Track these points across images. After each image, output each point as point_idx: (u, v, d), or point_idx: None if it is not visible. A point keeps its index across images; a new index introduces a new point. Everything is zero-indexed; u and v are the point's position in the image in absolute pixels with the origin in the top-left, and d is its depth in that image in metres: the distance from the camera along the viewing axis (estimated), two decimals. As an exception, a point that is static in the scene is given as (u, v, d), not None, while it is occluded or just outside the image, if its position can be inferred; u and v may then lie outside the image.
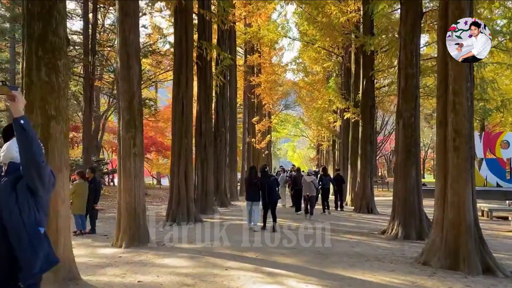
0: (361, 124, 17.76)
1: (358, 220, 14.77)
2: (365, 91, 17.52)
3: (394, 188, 11.44)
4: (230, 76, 23.02)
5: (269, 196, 11.66)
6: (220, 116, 19.71)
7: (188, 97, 13.25)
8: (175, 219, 12.89)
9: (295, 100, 53.53)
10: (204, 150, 16.39)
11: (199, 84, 16.56)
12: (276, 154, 77.17)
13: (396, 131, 11.40)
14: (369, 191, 17.50)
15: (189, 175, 13.28)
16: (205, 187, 16.29)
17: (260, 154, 41.91)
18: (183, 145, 13.13)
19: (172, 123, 13.44)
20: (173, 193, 13.20)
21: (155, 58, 25.80)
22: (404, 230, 10.70)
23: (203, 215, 15.35)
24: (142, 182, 9.68)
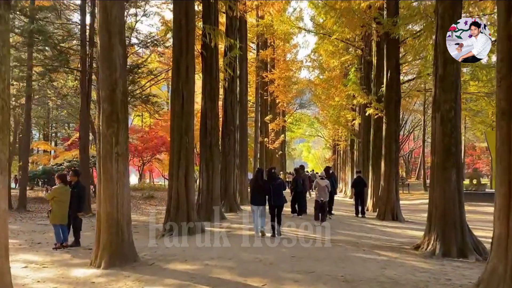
0: (385, 121, 15.91)
1: (384, 230, 12.94)
2: (390, 84, 15.67)
3: (431, 195, 9.60)
4: (241, 70, 21.31)
5: (274, 200, 10.99)
6: (228, 113, 18.03)
7: (189, 88, 11.58)
8: (174, 229, 11.24)
9: (310, 99, 51.84)
10: (210, 150, 14.73)
11: (204, 76, 14.92)
12: (290, 154, 75.31)
13: (433, 127, 9.56)
14: (394, 196, 15.64)
15: (190, 178, 11.61)
16: (211, 191, 14.64)
17: (273, 154, 40.23)
18: (183, 144, 11.47)
19: (171, 119, 11.81)
20: (171, 199, 11.56)
21: (162, 51, 24.20)
22: (443, 246, 8.88)
23: (207, 223, 13.70)
24: (127, 188, 8.03)
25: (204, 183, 14.67)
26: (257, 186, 11.09)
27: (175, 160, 11.54)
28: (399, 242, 10.68)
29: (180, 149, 11.48)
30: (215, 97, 14.83)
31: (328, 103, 34.23)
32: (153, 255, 8.76)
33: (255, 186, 11.17)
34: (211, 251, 9.09)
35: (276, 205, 11.14)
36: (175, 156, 11.53)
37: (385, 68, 15.95)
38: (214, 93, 14.80)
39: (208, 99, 14.72)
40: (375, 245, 10.17)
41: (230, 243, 10.05)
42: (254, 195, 11.15)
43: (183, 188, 11.45)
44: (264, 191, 11.00)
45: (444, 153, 9.19)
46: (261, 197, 10.99)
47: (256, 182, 11.20)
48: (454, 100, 9.22)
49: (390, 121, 15.71)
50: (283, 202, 11.40)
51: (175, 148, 11.54)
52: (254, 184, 11.23)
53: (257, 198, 11.00)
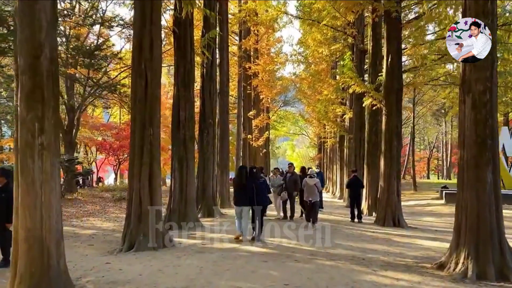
0: (385, 113, 13.90)
1: (389, 240, 10.89)
2: (390, 71, 13.66)
3: (459, 200, 7.57)
4: (221, 59, 19.16)
5: (258, 200, 10.27)
6: (206, 103, 15.81)
7: (154, 68, 9.36)
8: (133, 244, 9.02)
9: (295, 95, 50.12)
10: (183, 145, 12.53)
11: (177, 59, 12.73)
12: (274, 153, 73.43)
13: (461, 113, 7.53)
14: (395, 198, 13.65)
15: (155, 179, 9.40)
16: (184, 193, 12.45)
17: (257, 152, 38.08)
18: (146, 137, 9.25)
19: (131, 106, 9.62)
20: (132, 204, 9.32)
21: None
22: (478, 266, 6.88)
23: (180, 232, 11.51)
24: (56, 194, 5.79)
25: (176, 184, 12.47)
26: (241, 186, 10.35)
27: (136, 156, 9.30)
28: (413, 257, 8.65)
29: (143, 142, 9.25)
30: (189, 83, 12.63)
31: (315, 98, 32.36)
32: (98, 282, 6.54)
33: (238, 186, 10.43)
34: (176, 275, 6.89)
35: (259, 207, 10.30)
36: (137, 152, 9.30)
37: (385, 52, 13.95)
38: (188, 79, 12.59)
39: (181, 85, 12.52)
40: (386, 262, 8.12)
41: (203, 261, 7.89)
42: (237, 196, 10.49)
43: (146, 190, 9.23)
44: (248, 190, 10.24)
45: (476, 146, 7.17)
46: (245, 197, 10.28)
47: (239, 181, 10.44)
48: (489, 79, 7.21)
49: (391, 113, 13.71)
50: (267, 203, 10.86)
51: (136, 141, 9.31)
52: (238, 184, 10.47)
53: (240, 198, 10.34)
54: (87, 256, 8.90)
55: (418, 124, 54.11)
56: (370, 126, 17.18)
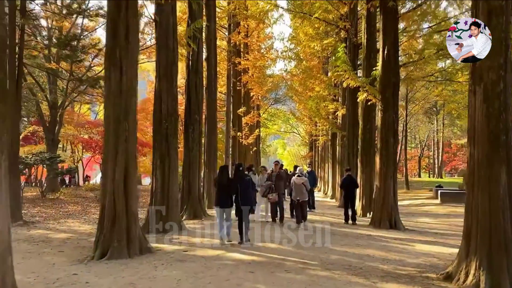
0: (381, 108, 13.10)
1: (387, 245, 10.09)
2: (387, 64, 12.87)
3: (469, 203, 6.75)
4: (209, 52, 18.25)
5: (242, 201, 9.73)
6: (192, 98, 14.90)
7: (130, 57, 8.46)
8: (106, 251, 8.12)
9: (286, 93, 49.40)
10: (166, 141, 11.62)
11: (159, 48, 11.82)
12: (265, 151, 72.58)
13: (471, 106, 6.74)
14: (391, 199, 12.89)
15: (131, 179, 8.50)
16: (166, 194, 11.54)
17: (247, 150, 37.17)
18: (121, 133, 8.34)
19: (105, 98, 8.71)
20: (105, 207, 8.41)
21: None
22: (491, 277, 6.10)
23: (160, 237, 10.62)
24: (2, 196, 4.86)
25: (158, 183, 11.56)
26: (223, 186, 9.85)
27: (110, 154, 8.39)
28: (415, 266, 7.85)
29: (118, 139, 8.34)
30: (172, 75, 11.71)
31: (307, 95, 31.59)
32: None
33: (220, 186, 9.90)
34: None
35: (244, 208, 9.78)
36: (111, 149, 8.38)
37: (381, 45, 13.15)
38: (171, 70, 11.68)
39: (163, 76, 11.60)
40: (386, 271, 7.31)
41: (183, 272, 7.02)
42: (218, 196, 9.93)
43: (121, 192, 8.33)
44: (231, 191, 9.80)
45: (489, 143, 6.38)
46: (227, 198, 9.82)
47: (221, 181, 9.92)
48: (502, 66, 6.42)
49: (387, 108, 12.92)
50: (252, 204, 10.28)
51: (110, 138, 8.40)
52: (220, 184, 9.93)
53: (223, 199, 9.81)
54: (54, 265, 7.97)
55: (410, 123, 53.59)
56: (364, 123, 16.42)
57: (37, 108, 27.02)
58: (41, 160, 22.15)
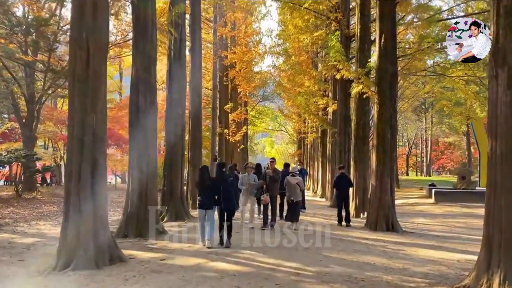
0: (377, 101, 12.17)
1: (387, 250, 9.16)
2: (384, 52, 11.93)
3: (489, 206, 5.80)
4: (193, 43, 17.14)
5: (225, 202, 9.24)
6: (174, 90, 13.83)
7: (98, 38, 7.38)
8: (71, 260, 7.05)
9: (274, 90, 48.57)
10: (143, 136, 10.51)
11: (135, 35, 10.72)
12: (252, 149, 71.60)
13: (492, 93, 5.80)
14: (389, 199, 11.99)
15: (100, 179, 7.42)
16: (144, 194, 10.45)
17: (234, 148, 36.13)
18: (87, 126, 7.26)
19: (69, 85, 7.62)
20: (68, 212, 7.33)
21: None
22: (518, 292, 5.18)
23: (137, 242, 9.58)
24: None
25: (134, 183, 10.47)
26: (205, 186, 9.35)
27: (74, 150, 7.31)
28: (423, 275, 6.92)
29: (84, 132, 7.27)
30: (150, 64, 10.62)
31: (295, 91, 30.69)
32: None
33: (202, 186, 9.40)
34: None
35: (226, 209, 9.31)
36: (76, 145, 7.30)
37: (377, 33, 12.21)
38: (149, 58, 10.58)
39: (140, 66, 10.51)
40: (391, 283, 6.37)
41: (158, 287, 5.99)
42: (201, 197, 9.37)
43: (87, 193, 7.25)
44: (213, 191, 9.28)
45: (514, 135, 5.47)
46: (209, 199, 9.29)
47: (203, 182, 9.41)
48: (530, 47, 5.50)
49: (384, 100, 12.00)
50: (234, 207, 9.80)
51: (75, 131, 7.31)
52: (201, 184, 9.43)
53: (205, 200, 9.28)
54: (9, 278, 6.89)
55: (398, 120, 53.03)
56: (358, 118, 15.52)
57: (13, 103, 25.64)
58: (16, 158, 20.89)
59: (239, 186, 11.74)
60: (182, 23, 13.78)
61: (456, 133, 56.26)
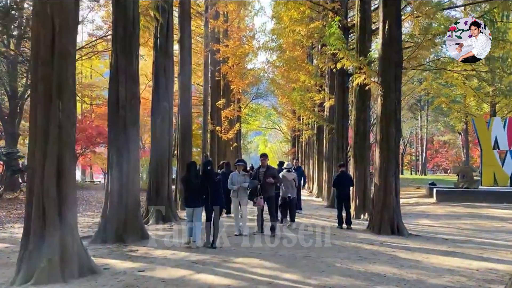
0: (381, 93, 11.19)
1: (394, 256, 8.18)
2: (388, 40, 10.95)
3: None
4: (182, 32, 16.08)
5: (212, 201, 8.89)
6: (160, 82, 12.79)
7: (66, 15, 6.32)
8: (33, 272, 6.01)
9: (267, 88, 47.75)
10: (124, 132, 9.46)
11: (115, 17, 9.65)
12: (246, 148, 70.61)
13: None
14: (393, 199, 11.04)
15: (67, 177, 6.37)
16: (125, 195, 9.41)
17: (227, 146, 35.06)
18: (52, 116, 6.22)
19: (32, 68, 6.56)
20: (31, 215, 6.27)
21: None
22: None
23: (115, 249, 8.54)
24: None
25: (114, 183, 9.41)
26: (191, 184, 8.95)
27: (37, 144, 6.25)
28: (444, 289, 5.95)
29: (48, 123, 6.22)
30: (131, 50, 9.55)
31: (290, 87, 29.75)
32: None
33: (188, 184, 9.01)
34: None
35: (213, 208, 8.89)
36: (38, 138, 6.24)
37: (381, 18, 11.22)
38: (130, 44, 9.51)
39: (120, 52, 9.44)
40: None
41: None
42: (188, 195, 9.07)
43: (52, 195, 6.20)
44: (200, 190, 8.88)
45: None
46: (196, 196, 8.93)
47: (189, 179, 8.98)
48: None
49: (388, 93, 11.02)
50: (223, 205, 9.29)
51: (38, 121, 6.26)
52: (187, 182, 9.01)
53: (191, 199, 8.98)
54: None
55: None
56: (358, 113, 14.56)
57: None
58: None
59: (229, 186, 10.37)
60: (169, 9, 12.72)
61: (452, 132, 55.56)
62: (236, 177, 10.40)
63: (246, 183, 10.29)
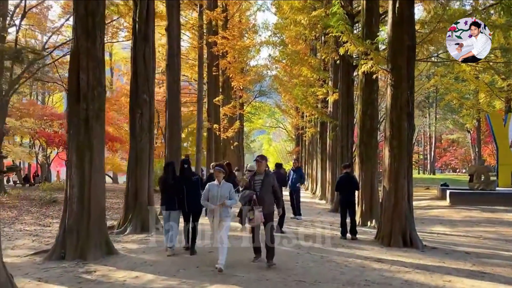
0: (391, 82, 9.60)
1: (410, 280, 6.59)
2: (399, 20, 9.37)
3: None
4: (170, 18, 14.61)
5: (189, 204, 8.12)
6: (140, 71, 11.25)
7: None
8: None
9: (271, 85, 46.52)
10: (85, 126, 7.94)
11: (75, -9, 8.15)
12: (249, 147, 69.10)
13: None
14: (406, 205, 9.46)
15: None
16: (87, 202, 7.90)
17: (227, 145, 33.52)
18: None
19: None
20: None
21: None
22: None
23: (70, 268, 7.04)
24: None
25: (74, 188, 7.90)
26: (168, 185, 8.48)
27: None
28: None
29: None
30: (95, 30, 8.00)
31: (293, 83, 28.32)
32: None
33: (165, 186, 8.53)
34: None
35: (191, 211, 8.26)
36: None
37: (391, -3, 9.63)
38: (93, 23, 7.97)
39: (81, 33, 7.91)
40: None
41: None
42: (165, 197, 8.57)
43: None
44: (175, 191, 8.31)
45: None
46: (173, 199, 8.38)
47: (167, 180, 8.54)
48: None
49: (400, 82, 9.42)
50: (200, 208, 8.34)
51: None
52: (165, 183, 8.55)
53: (169, 201, 8.42)
54: None
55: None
56: (364, 107, 12.96)
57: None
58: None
59: (202, 203, 7.51)
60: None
61: (461, 130, 53.71)
62: (215, 189, 7.29)
63: (231, 200, 7.28)
